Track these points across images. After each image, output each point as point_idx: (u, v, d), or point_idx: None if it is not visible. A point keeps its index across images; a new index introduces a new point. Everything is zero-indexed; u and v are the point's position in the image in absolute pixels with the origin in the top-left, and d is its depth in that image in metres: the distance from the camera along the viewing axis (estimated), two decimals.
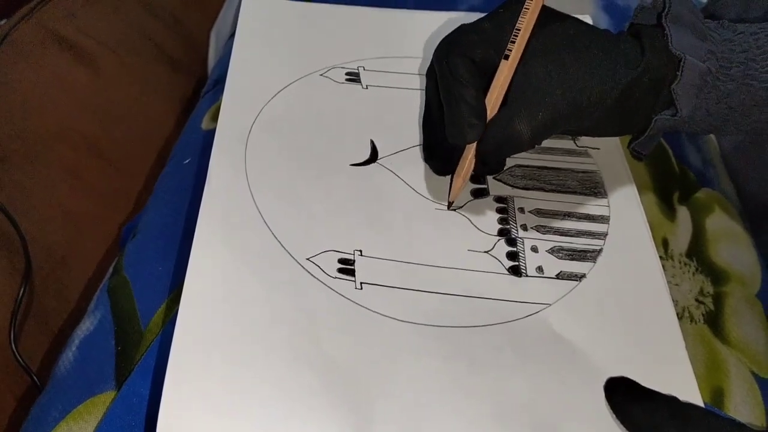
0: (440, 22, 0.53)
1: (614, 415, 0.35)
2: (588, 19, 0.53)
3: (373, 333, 0.36)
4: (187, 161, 0.47)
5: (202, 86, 0.61)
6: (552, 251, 0.41)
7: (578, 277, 0.40)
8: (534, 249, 0.41)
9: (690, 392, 0.36)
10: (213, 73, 0.59)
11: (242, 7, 0.52)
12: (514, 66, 0.37)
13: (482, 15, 0.53)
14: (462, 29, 0.39)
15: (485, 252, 0.40)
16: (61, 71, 0.60)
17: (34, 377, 0.47)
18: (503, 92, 0.37)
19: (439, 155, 0.42)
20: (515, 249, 0.41)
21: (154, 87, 0.66)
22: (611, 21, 0.59)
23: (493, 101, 0.37)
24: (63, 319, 0.51)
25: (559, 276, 0.40)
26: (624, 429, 0.34)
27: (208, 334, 0.34)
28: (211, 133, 0.44)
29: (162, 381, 0.33)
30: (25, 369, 0.47)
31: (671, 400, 0.35)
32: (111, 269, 0.43)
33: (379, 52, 0.50)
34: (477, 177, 0.44)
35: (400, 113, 0.47)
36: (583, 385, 0.36)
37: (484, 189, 0.43)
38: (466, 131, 0.36)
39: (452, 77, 0.37)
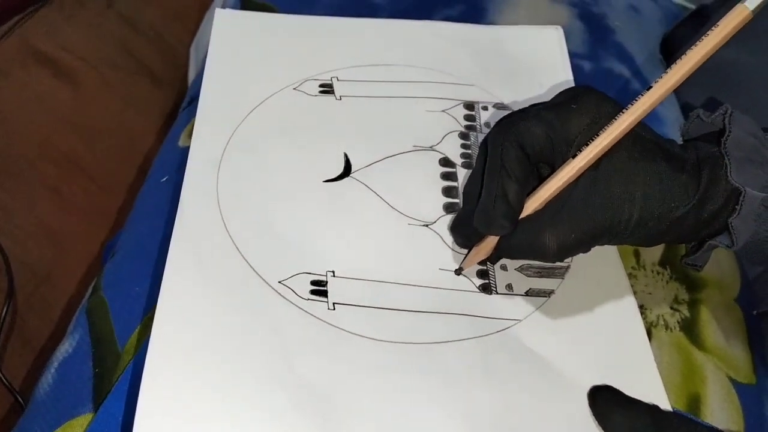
0: (414, 31, 0.53)
1: (597, 422, 0.36)
2: (559, 31, 0.53)
3: (346, 353, 0.36)
4: (164, 179, 0.47)
5: (183, 101, 0.61)
6: (521, 269, 0.41)
7: (547, 294, 0.40)
8: (503, 267, 0.41)
9: (659, 403, 0.36)
10: (191, 88, 0.59)
11: (215, 21, 0.51)
12: (570, 181, 0.35)
13: (459, 24, 0.54)
14: (524, 115, 0.37)
15: (456, 271, 0.41)
16: (42, 88, 0.60)
17: (18, 396, 0.47)
18: (549, 199, 0.36)
19: (465, 229, 0.40)
20: (485, 267, 0.41)
21: (136, 102, 0.66)
22: (586, 28, 0.59)
23: (535, 206, 0.36)
24: (46, 337, 0.52)
25: (529, 293, 0.40)
26: None
27: (180, 358, 0.34)
28: (188, 150, 0.44)
29: (136, 403, 0.33)
30: (8, 388, 0.47)
31: (653, 408, 0.35)
32: (90, 289, 0.43)
33: (352, 61, 0.50)
34: (450, 190, 0.44)
35: (374, 123, 0.47)
36: (553, 398, 0.36)
37: (456, 204, 0.43)
38: (493, 227, 0.36)
39: (501, 165, 0.36)
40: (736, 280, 0.48)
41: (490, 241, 0.38)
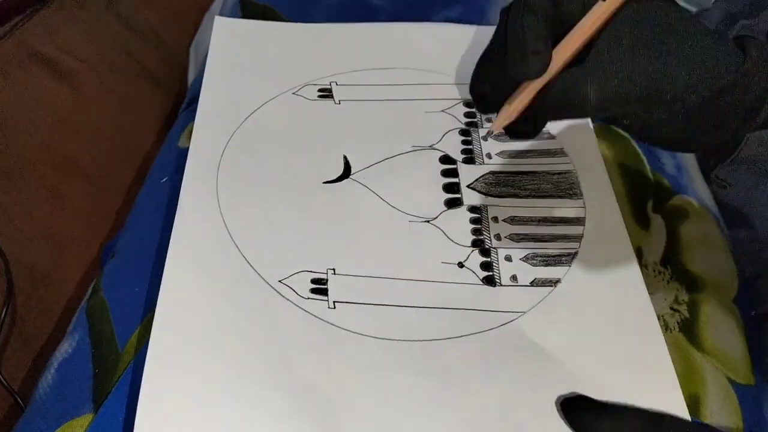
0: (412, 34, 0.53)
1: None
2: None
3: (346, 352, 0.36)
4: (164, 180, 0.47)
5: (182, 103, 0.61)
6: (526, 259, 0.41)
7: (553, 283, 0.40)
8: (508, 258, 0.41)
9: (673, 398, 0.36)
10: (190, 90, 0.59)
11: (214, 28, 0.52)
12: (607, 15, 0.33)
13: (457, 25, 0.54)
14: None
15: (459, 263, 0.41)
16: (42, 89, 0.60)
17: (17, 397, 0.47)
18: (583, 41, 0.33)
19: (490, 77, 0.36)
20: (489, 259, 0.41)
21: (135, 104, 0.66)
22: None
23: (569, 49, 0.33)
24: (46, 338, 0.52)
25: (534, 283, 0.40)
26: None
27: (180, 358, 0.34)
28: (187, 152, 0.44)
29: (137, 404, 0.33)
30: (7, 389, 0.47)
31: (637, 412, 0.35)
32: (90, 290, 0.43)
33: (351, 66, 0.51)
34: (452, 186, 0.44)
35: (372, 126, 0.47)
36: (558, 392, 0.36)
37: (458, 199, 0.43)
38: (529, 60, 0.32)
39: (524, 6, 0.33)
40: (733, 282, 0.48)
41: (524, 90, 0.34)
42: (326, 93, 0.49)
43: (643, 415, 0.34)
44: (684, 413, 0.36)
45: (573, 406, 0.35)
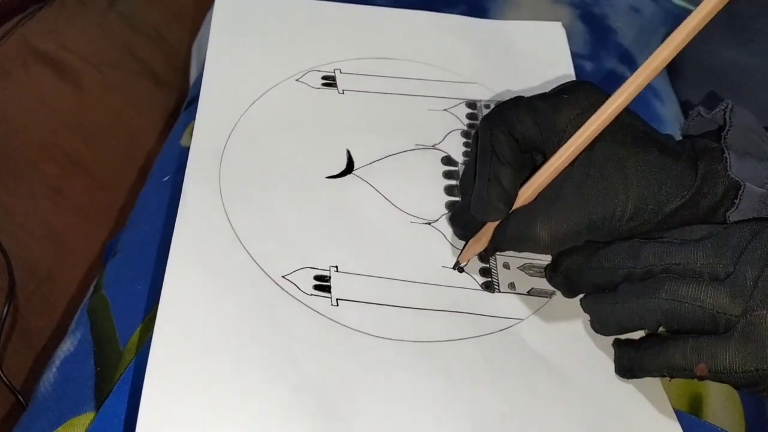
0: (419, 23, 0.53)
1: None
2: (559, 27, 0.54)
3: (349, 349, 0.36)
4: (166, 178, 0.47)
5: (184, 101, 0.61)
6: (523, 268, 0.41)
7: (549, 294, 0.40)
8: (506, 266, 0.41)
9: (659, 401, 0.36)
10: (192, 88, 0.59)
11: (215, 6, 0.51)
12: (562, 168, 0.36)
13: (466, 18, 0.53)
14: (514, 103, 0.38)
15: (459, 268, 0.41)
16: (44, 88, 0.60)
17: (19, 395, 0.47)
18: (541, 189, 0.36)
19: (463, 219, 0.40)
20: (488, 265, 0.41)
21: (137, 102, 0.66)
22: (587, 29, 0.59)
23: (528, 194, 0.36)
24: (47, 336, 0.52)
25: (531, 293, 0.40)
26: None
27: (183, 355, 0.34)
28: (189, 150, 0.44)
29: (139, 402, 0.33)
30: (9, 387, 0.47)
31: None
32: (92, 288, 0.43)
33: (357, 53, 0.50)
34: (452, 189, 0.44)
35: (377, 120, 0.47)
36: (555, 397, 0.36)
37: (458, 202, 0.43)
38: (489, 212, 0.36)
39: (492, 152, 0.36)
40: None
41: (486, 232, 0.38)
42: (330, 81, 0.48)
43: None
44: (672, 418, 0.36)
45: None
